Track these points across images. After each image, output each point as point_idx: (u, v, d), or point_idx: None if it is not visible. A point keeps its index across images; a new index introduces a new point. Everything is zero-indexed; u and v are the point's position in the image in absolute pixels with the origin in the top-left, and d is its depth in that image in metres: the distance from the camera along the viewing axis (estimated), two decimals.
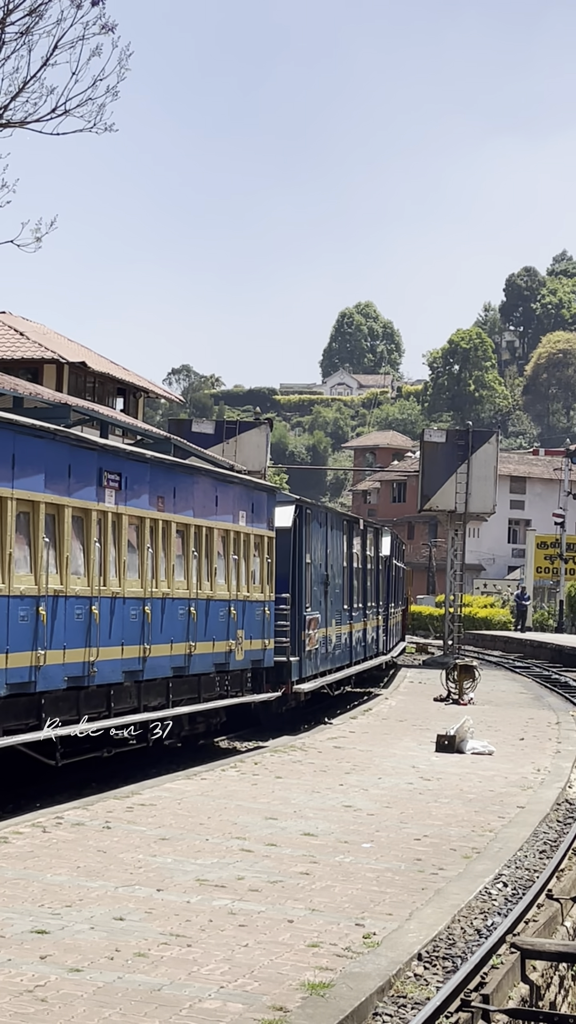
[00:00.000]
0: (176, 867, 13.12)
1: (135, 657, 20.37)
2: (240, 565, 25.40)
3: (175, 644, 21.94)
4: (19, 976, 9.16)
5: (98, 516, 19.16)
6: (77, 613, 18.47)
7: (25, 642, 17.04)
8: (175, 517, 22.12)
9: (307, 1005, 8.91)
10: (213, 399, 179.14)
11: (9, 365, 36.86)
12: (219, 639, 24.09)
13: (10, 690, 16.71)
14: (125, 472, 20.00)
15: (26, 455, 17.02)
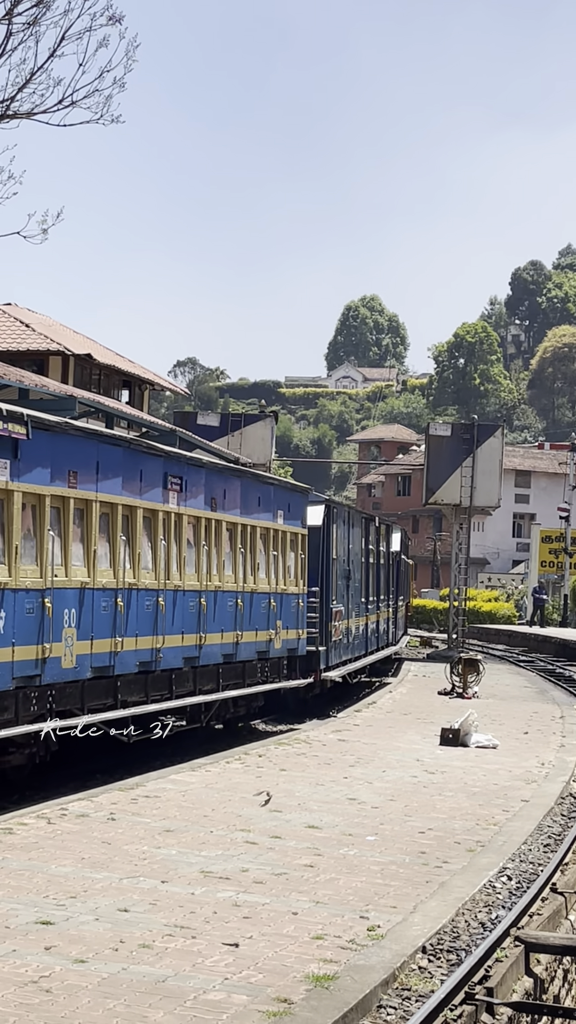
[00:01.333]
0: (180, 859, 13.13)
1: (193, 645, 22.53)
2: (279, 560, 27.54)
3: (225, 633, 24.14)
4: (24, 967, 9.17)
5: (163, 516, 21.28)
6: (147, 604, 20.55)
7: (106, 630, 19.13)
8: (225, 516, 24.32)
9: (311, 997, 8.91)
10: (218, 392, 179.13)
11: (15, 357, 36.84)
12: (261, 629, 26.30)
13: (94, 673, 18.82)
14: (185, 476, 22.18)
15: (107, 462, 19.11)
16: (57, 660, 17.67)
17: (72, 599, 18.21)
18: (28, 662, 16.99)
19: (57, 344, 38.95)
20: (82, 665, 18.45)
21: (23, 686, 16.98)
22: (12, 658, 16.59)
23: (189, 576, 22.42)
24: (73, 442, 18.32)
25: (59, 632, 17.74)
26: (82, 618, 18.42)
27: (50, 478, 17.65)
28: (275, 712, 30.00)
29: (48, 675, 17.49)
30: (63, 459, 17.96)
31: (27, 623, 16.98)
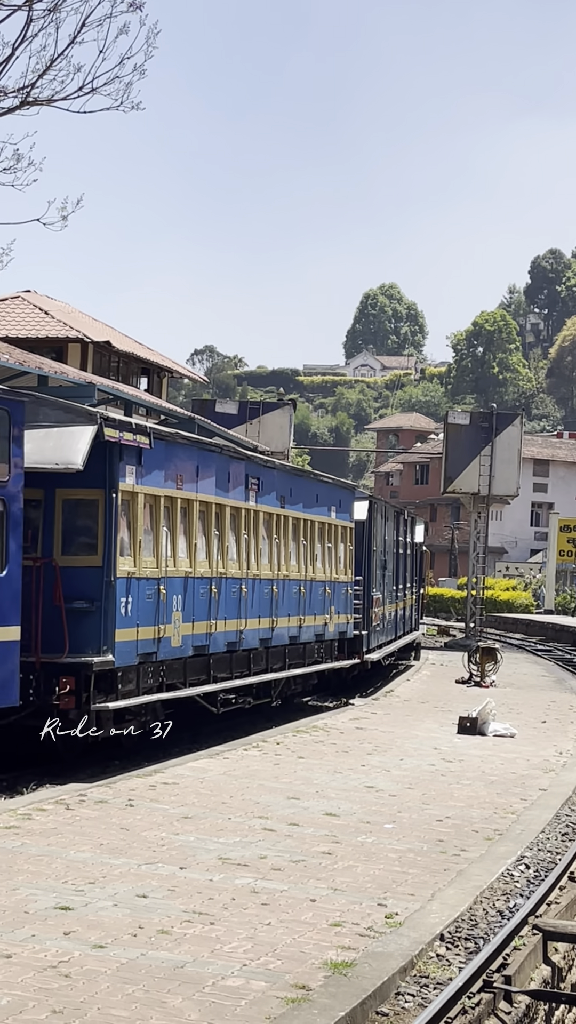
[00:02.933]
0: (199, 845, 13.15)
1: (267, 628, 25.49)
2: (332, 552, 30.46)
3: (291, 618, 27.09)
4: (43, 952, 9.20)
5: (245, 512, 24.16)
6: (233, 591, 23.36)
7: (203, 614, 21.93)
8: (291, 512, 27.14)
9: (330, 984, 8.93)
10: (236, 379, 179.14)
11: (34, 344, 36.88)
12: (319, 614, 29.24)
13: (195, 652, 21.61)
14: (261, 477, 25.15)
15: (204, 466, 21.88)
16: (168, 640, 20.33)
17: (179, 586, 20.82)
18: (148, 641, 19.60)
19: (76, 331, 38.98)
20: (186, 644, 21.12)
21: (143, 662, 19.52)
22: (137, 637, 19.13)
23: (264, 566, 25.41)
24: (180, 449, 21.04)
25: (170, 615, 20.38)
26: (186, 603, 21.11)
27: (163, 481, 20.20)
28: (322, 690, 32.20)
29: (162, 652, 20.15)
30: (172, 464, 20.58)
31: (147, 607, 19.51)
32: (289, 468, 28.27)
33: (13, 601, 16.70)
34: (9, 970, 8.74)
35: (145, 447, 19.12)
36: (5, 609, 16.58)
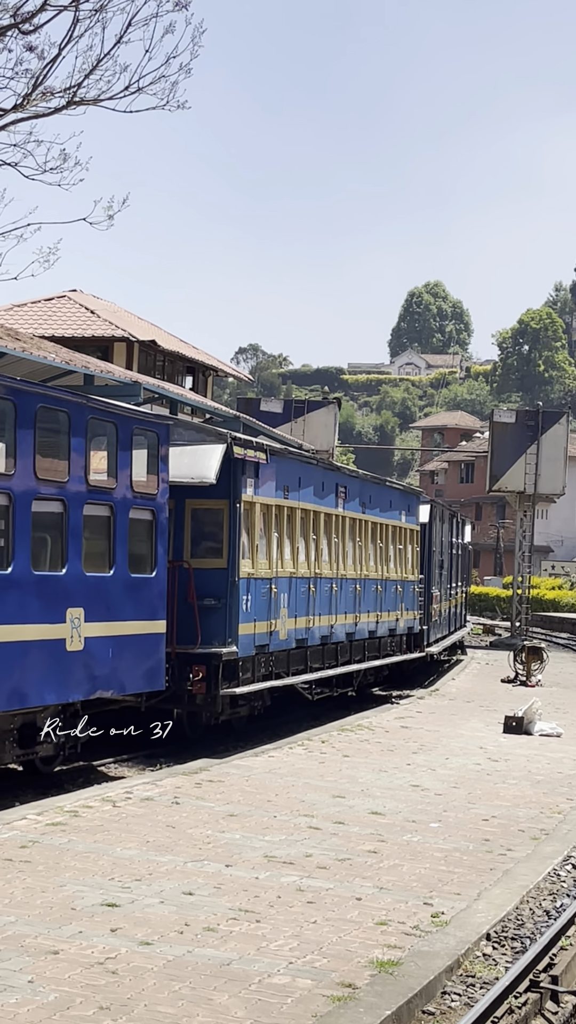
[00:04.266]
0: (244, 843, 13.17)
1: (352, 623, 28.03)
2: (403, 553, 33.05)
3: (370, 614, 29.54)
4: (90, 948, 9.24)
5: (334, 518, 26.75)
6: (326, 589, 25.93)
7: (303, 610, 24.54)
8: (370, 517, 29.66)
9: (376, 982, 8.92)
10: (281, 378, 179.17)
11: (80, 343, 36.99)
12: (392, 610, 31.77)
13: (296, 644, 24.15)
14: (347, 485, 27.86)
15: (304, 477, 24.68)
16: (277, 633, 22.89)
17: (285, 586, 23.40)
18: (263, 634, 22.17)
19: (122, 330, 39.09)
20: (290, 637, 23.73)
21: (258, 653, 22.02)
22: (254, 631, 21.70)
23: (349, 566, 27.89)
24: (286, 463, 23.72)
25: (278, 611, 22.94)
26: (290, 601, 23.66)
27: (274, 491, 22.86)
28: (388, 681, 34.37)
29: (272, 645, 22.72)
30: (280, 476, 23.19)
31: (262, 604, 22.11)
32: (368, 476, 31.28)
33: (160, 599, 19.01)
34: (56, 966, 8.78)
35: (262, 462, 21.81)
36: (155, 606, 18.87)
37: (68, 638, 16.58)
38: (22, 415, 15.42)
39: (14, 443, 15.32)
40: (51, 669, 16.24)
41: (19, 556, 15.41)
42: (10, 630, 15.34)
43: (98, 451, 17.55)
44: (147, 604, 18.60)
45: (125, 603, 17.99)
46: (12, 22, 19.40)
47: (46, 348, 22.15)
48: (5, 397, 15.18)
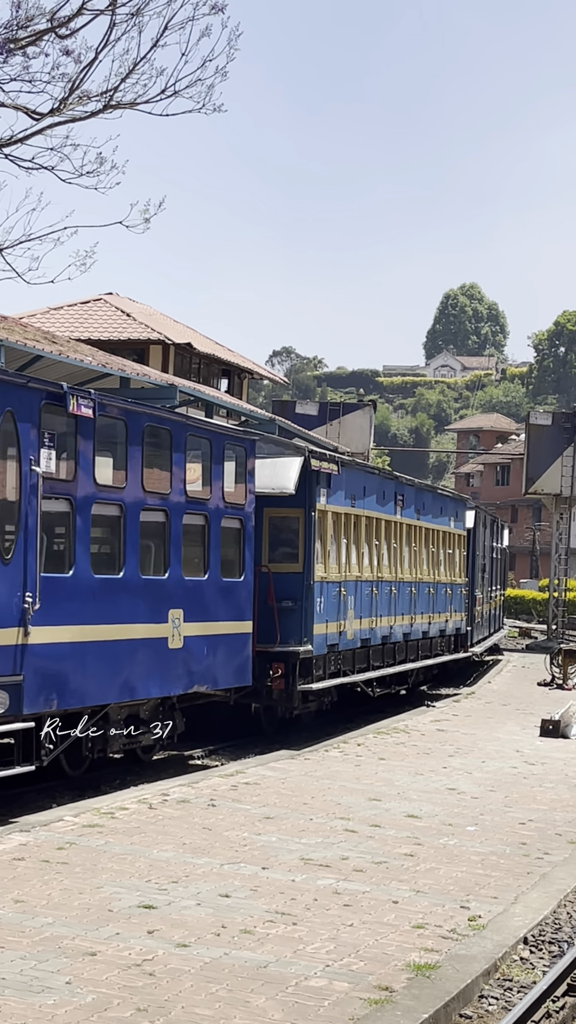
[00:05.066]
0: (281, 846, 13.17)
1: (408, 624, 29.51)
2: (452, 557, 34.65)
3: (423, 615, 31.06)
4: (127, 950, 9.26)
5: (393, 524, 28.27)
6: (385, 592, 27.36)
7: (367, 612, 26.01)
8: (423, 523, 31.25)
9: (413, 986, 8.90)
10: (316, 380, 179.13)
11: (116, 346, 37.10)
12: (442, 612, 33.24)
13: (361, 644, 25.76)
14: (403, 493, 29.27)
15: (368, 486, 26.39)
16: (345, 633, 24.42)
17: (352, 588, 24.91)
18: (333, 634, 23.67)
19: (158, 333, 39.18)
20: (355, 637, 25.22)
21: (329, 652, 23.49)
22: (326, 631, 23.16)
23: (406, 570, 29.32)
24: (353, 473, 25.46)
25: (346, 612, 24.45)
26: (356, 603, 25.13)
27: (343, 500, 24.45)
28: (435, 680, 35.80)
29: (341, 644, 24.23)
30: (348, 486, 24.81)
31: (332, 606, 23.59)
32: (422, 484, 33.01)
33: (247, 601, 20.56)
34: (94, 967, 8.80)
35: (333, 473, 23.53)
36: (243, 607, 20.38)
37: (170, 637, 18.09)
38: (132, 433, 16.89)
39: (125, 459, 16.85)
40: (155, 665, 17.74)
41: (129, 561, 16.93)
42: (122, 629, 16.83)
43: (194, 464, 19.04)
44: (236, 606, 20.17)
45: (218, 605, 19.58)
46: (49, 26, 19.48)
47: (83, 351, 22.21)
48: (118, 417, 16.64)
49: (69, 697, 15.62)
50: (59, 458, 15.37)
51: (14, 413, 14.42)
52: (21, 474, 14.57)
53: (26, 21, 19.31)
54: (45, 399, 14.96)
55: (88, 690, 16.06)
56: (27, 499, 14.64)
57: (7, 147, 19.88)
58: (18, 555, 14.51)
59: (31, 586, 14.65)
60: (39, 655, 14.91)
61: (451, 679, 36.80)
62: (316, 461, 22.47)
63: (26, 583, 14.61)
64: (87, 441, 15.81)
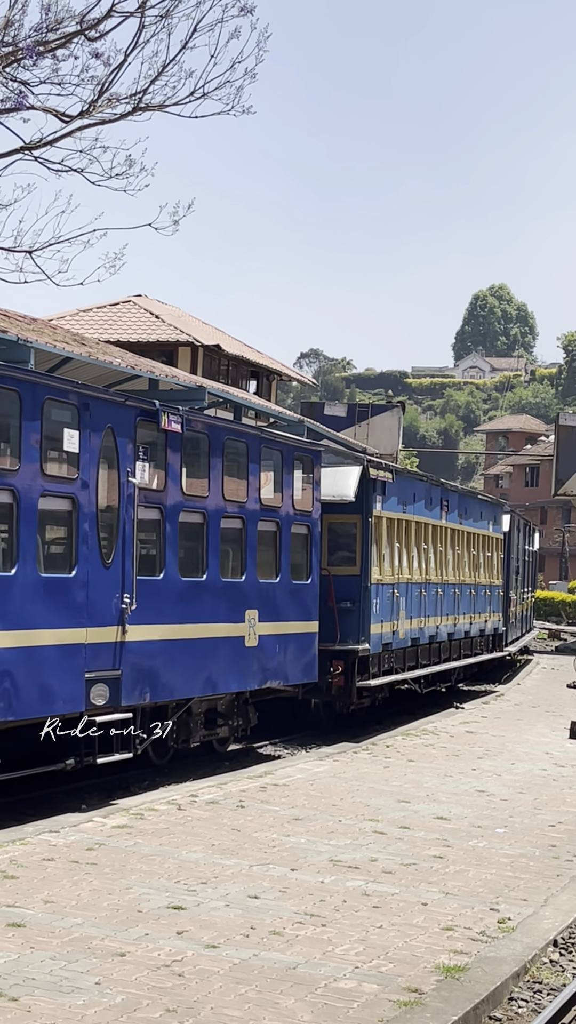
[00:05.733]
0: (309, 847, 13.17)
1: (451, 624, 30.77)
2: (490, 560, 35.79)
3: (465, 616, 32.24)
4: (156, 951, 9.27)
5: (440, 529, 29.63)
6: (432, 593, 28.69)
7: (416, 611, 27.29)
8: (465, 527, 32.45)
9: (442, 988, 8.89)
10: (344, 382, 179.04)
11: (145, 348, 37.15)
12: (481, 613, 34.44)
13: (411, 643, 27.01)
14: (448, 498, 30.58)
15: (417, 493, 27.64)
16: (398, 633, 25.69)
17: (404, 590, 26.16)
18: (388, 633, 25.00)
19: (186, 335, 39.21)
20: (406, 637, 26.50)
21: (383, 650, 24.69)
22: (381, 630, 24.45)
23: (450, 572, 30.59)
24: (404, 480, 26.78)
25: (398, 613, 25.68)
26: (407, 604, 26.37)
27: (395, 506, 25.70)
28: (471, 678, 36.83)
29: (395, 643, 25.56)
30: (400, 492, 26.08)
31: (386, 607, 24.81)
32: (465, 490, 34.72)
33: (314, 602, 21.84)
34: (123, 968, 8.81)
35: (388, 480, 24.87)
36: (310, 608, 21.67)
37: (246, 635, 19.43)
38: (214, 446, 18.35)
39: (208, 470, 18.30)
40: (234, 662, 19.12)
41: (211, 565, 18.36)
42: (205, 628, 18.21)
43: (267, 474, 20.41)
44: (304, 607, 21.51)
45: (288, 606, 20.92)
46: (78, 29, 19.52)
47: (112, 353, 22.23)
48: (201, 432, 18.04)
49: (160, 691, 16.96)
50: (151, 470, 16.75)
51: (114, 429, 15.84)
52: (120, 485, 16.01)
53: (56, 24, 19.36)
54: (139, 416, 16.39)
55: (175, 684, 17.40)
56: (125, 508, 16.07)
57: (37, 149, 19.94)
58: (117, 559, 15.91)
59: (128, 588, 16.00)
60: (134, 652, 16.25)
61: (483, 677, 37.79)
62: (373, 470, 23.94)
63: (124, 585, 15.97)
64: (175, 454, 17.20)
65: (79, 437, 15.24)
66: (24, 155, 20.06)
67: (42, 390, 14.67)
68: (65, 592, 15.01)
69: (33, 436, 14.44)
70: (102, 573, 15.56)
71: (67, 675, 14.98)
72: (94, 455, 15.51)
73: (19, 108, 19.31)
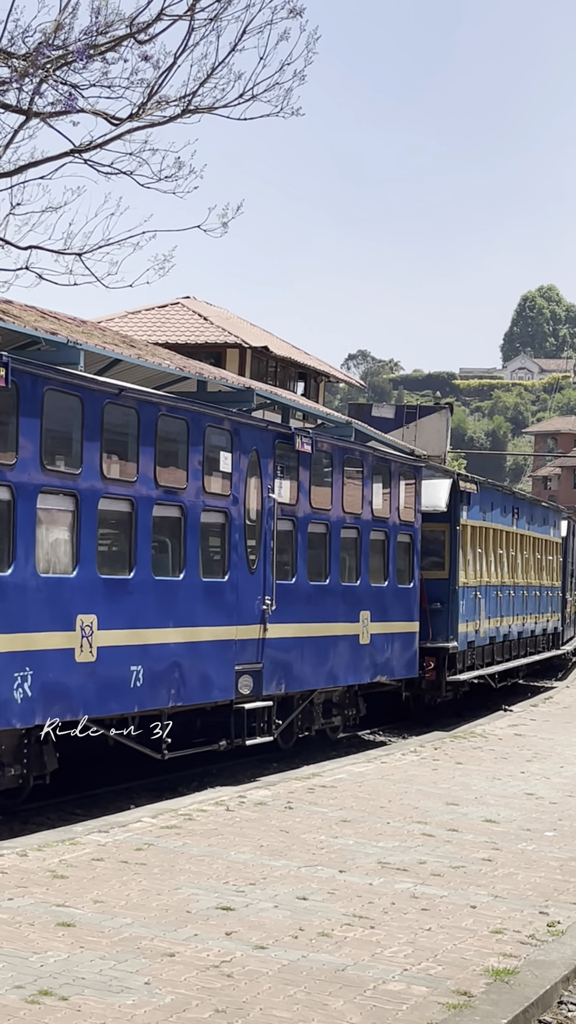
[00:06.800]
0: (358, 849, 13.16)
1: (520, 623, 33.11)
2: (551, 563, 38.29)
3: (531, 616, 34.74)
4: (205, 951, 9.29)
5: (512, 535, 32.03)
6: (506, 595, 31.00)
7: (494, 612, 29.88)
8: (531, 533, 34.96)
9: (491, 991, 8.86)
10: (392, 383, 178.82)
11: (193, 349, 37.21)
12: (543, 613, 37.03)
13: (489, 641, 29.60)
14: (519, 506, 33.15)
15: (495, 501, 30.07)
16: (478, 631, 27.93)
17: (484, 592, 28.54)
18: (471, 632, 27.28)
19: (234, 337, 39.26)
20: (485, 635, 28.84)
21: (467, 648, 26.99)
22: (467, 629, 26.78)
23: (520, 575, 32.81)
24: (485, 491, 29.16)
25: (479, 613, 28.06)
26: (486, 605, 28.76)
27: (478, 514, 28.17)
28: (533, 675, 39.09)
29: (477, 641, 27.89)
30: (481, 502, 28.56)
31: (471, 608, 27.26)
32: (531, 497, 37.74)
33: (415, 604, 24.14)
34: (173, 968, 8.84)
35: (472, 492, 27.31)
36: (412, 609, 24.04)
37: (360, 634, 21.73)
38: (336, 464, 20.91)
39: (331, 485, 20.67)
40: (350, 657, 21.39)
41: (333, 570, 20.67)
42: (328, 627, 20.52)
43: (377, 487, 22.67)
44: (407, 608, 23.83)
45: (394, 607, 23.18)
46: (128, 32, 19.57)
47: (160, 355, 22.28)
48: (326, 451, 20.47)
49: (292, 682, 19.33)
50: (286, 486, 19.07)
51: (258, 451, 18.23)
52: (262, 500, 18.39)
53: (105, 27, 19.41)
54: (277, 438, 18.82)
55: (304, 677, 19.75)
56: (266, 520, 18.47)
57: (87, 152, 20.01)
58: (260, 566, 18.31)
59: (268, 591, 18.44)
60: (273, 647, 18.60)
61: (537, 674, 39.65)
62: (462, 483, 26.47)
63: (265, 588, 18.39)
64: (305, 471, 19.62)
65: (232, 459, 17.57)
66: (74, 158, 20.14)
67: (205, 418, 17.06)
68: (220, 594, 17.30)
69: (197, 458, 16.76)
70: (248, 578, 17.95)
71: (221, 667, 17.33)
72: (243, 474, 17.88)
73: (69, 111, 19.38)
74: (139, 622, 15.48)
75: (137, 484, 15.56)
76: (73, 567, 14.40)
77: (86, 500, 14.58)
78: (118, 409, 15.28)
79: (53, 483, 14.15)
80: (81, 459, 14.59)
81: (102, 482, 14.89)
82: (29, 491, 13.70)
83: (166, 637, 16.00)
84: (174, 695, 16.05)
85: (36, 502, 13.79)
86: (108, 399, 15.08)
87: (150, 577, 15.70)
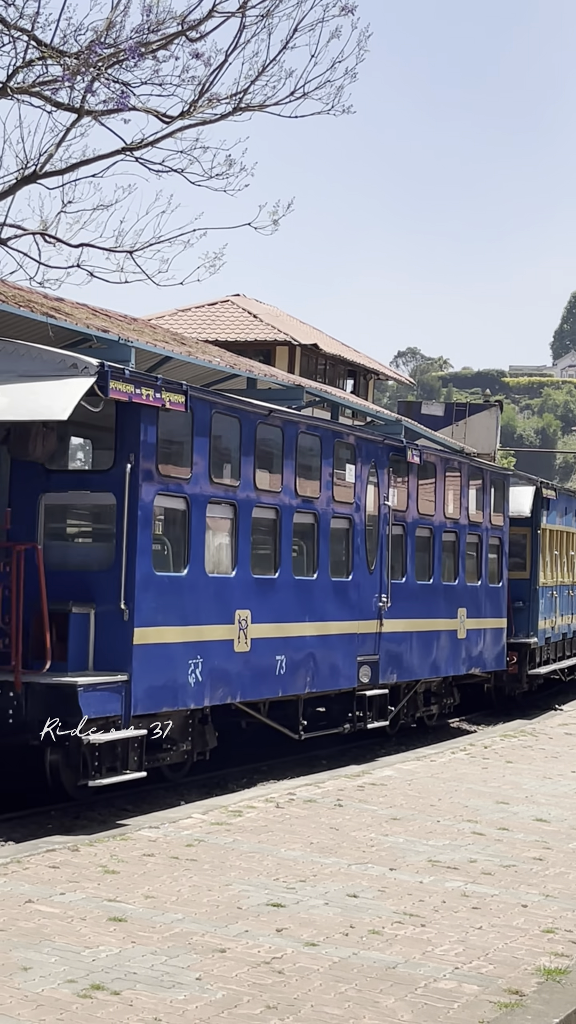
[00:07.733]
0: (408, 847, 13.14)
1: None
2: None
3: None
4: (256, 948, 9.30)
5: None
6: (565, 595, 31.88)
7: (566, 610, 31.49)
8: None
9: (543, 990, 8.82)
10: (441, 381, 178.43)
11: (243, 347, 37.26)
12: None
13: (561, 638, 31.11)
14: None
15: (568, 507, 31.98)
16: (553, 628, 29.77)
17: (559, 591, 30.31)
18: (548, 629, 29.11)
19: (284, 334, 39.27)
20: (555, 632, 30.27)
21: (544, 644, 28.66)
22: (544, 626, 28.58)
23: None
24: (562, 496, 31.09)
25: (553, 612, 29.79)
26: (560, 603, 30.58)
27: (555, 519, 30.07)
28: None
29: (552, 637, 29.63)
30: (559, 507, 30.47)
31: (548, 606, 29.22)
32: None
33: (504, 602, 25.99)
34: (224, 964, 8.86)
35: (552, 498, 29.35)
36: (501, 607, 25.81)
37: (458, 629, 23.50)
38: (439, 473, 22.85)
39: (434, 492, 22.66)
40: (450, 650, 23.15)
41: (436, 571, 22.60)
42: (431, 623, 22.36)
43: (472, 494, 24.44)
44: (497, 606, 25.62)
45: (486, 605, 24.98)
46: (179, 30, 19.59)
47: (211, 352, 22.36)
48: (431, 461, 22.48)
49: (402, 672, 21.18)
50: (398, 494, 20.93)
51: (376, 463, 20.11)
52: (379, 507, 20.24)
53: (157, 25, 19.42)
54: (391, 451, 20.65)
55: (413, 668, 21.59)
56: (381, 525, 20.33)
57: (138, 150, 20.01)
58: (377, 566, 20.17)
59: (384, 589, 20.26)
60: (387, 640, 20.42)
61: None
62: (545, 490, 28.56)
63: (381, 587, 20.21)
64: (413, 480, 21.59)
65: (355, 470, 19.47)
66: (125, 156, 20.14)
67: (335, 435, 19.02)
68: (344, 592, 19.19)
69: (328, 470, 18.69)
70: (367, 577, 19.81)
71: (346, 658, 19.20)
72: (363, 484, 19.76)
73: (121, 109, 19.39)
74: (282, 617, 17.48)
75: (281, 494, 17.54)
76: (232, 568, 16.37)
77: (243, 509, 16.54)
78: (267, 428, 17.20)
79: (218, 494, 16.04)
80: (239, 472, 16.57)
81: (255, 493, 16.87)
82: (201, 502, 15.56)
83: (303, 631, 18.01)
84: (309, 682, 18.09)
85: (206, 511, 15.66)
86: (260, 419, 16.93)
87: (291, 577, 17.75)
